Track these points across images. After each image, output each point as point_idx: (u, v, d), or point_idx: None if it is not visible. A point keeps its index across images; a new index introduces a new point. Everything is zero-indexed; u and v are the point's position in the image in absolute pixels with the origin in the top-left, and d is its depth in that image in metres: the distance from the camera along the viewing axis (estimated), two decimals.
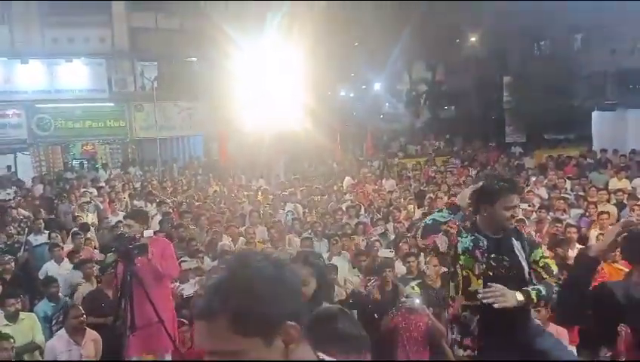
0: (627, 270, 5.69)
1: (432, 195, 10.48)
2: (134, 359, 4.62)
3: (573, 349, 5.29)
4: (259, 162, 16.25)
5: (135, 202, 11.15)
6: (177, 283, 5.99)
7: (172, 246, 5.08)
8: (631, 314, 2.54)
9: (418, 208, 9.81)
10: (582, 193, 9.67)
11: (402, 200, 10.27)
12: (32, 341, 5.11)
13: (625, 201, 8.56)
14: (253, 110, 16.97)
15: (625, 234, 2.47)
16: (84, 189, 13.03)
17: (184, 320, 5.16)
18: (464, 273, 3.20)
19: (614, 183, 10.41)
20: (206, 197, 11.93)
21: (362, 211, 9.76)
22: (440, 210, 3.64)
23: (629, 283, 2.61)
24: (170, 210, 10.10)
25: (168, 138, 20.25)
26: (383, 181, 13.55)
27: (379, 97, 31.51)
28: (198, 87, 19.55)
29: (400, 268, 6.41)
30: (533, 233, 7.17)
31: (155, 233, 7.52)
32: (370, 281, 5.87)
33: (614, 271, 5.78)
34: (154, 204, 10.45)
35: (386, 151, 21.13)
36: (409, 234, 7.58)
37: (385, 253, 6.78)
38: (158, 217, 9.37)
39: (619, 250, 5.95)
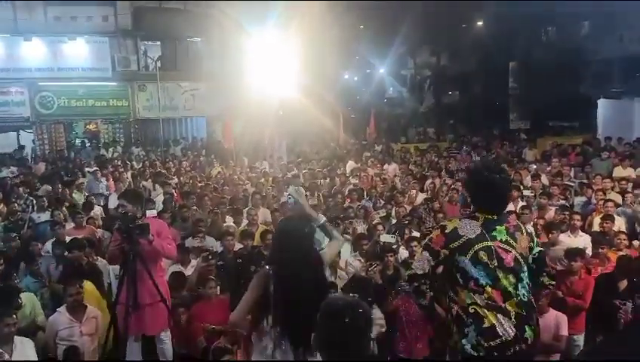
0: (634, 256, 5.73)
1: (433, 181, 10.52)
2: None
3: (580, 337, 5.33)
4: (262, 144, 16.22)
5: (144, 183, 11.17)
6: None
7: (167, 227, 5.07)
8: None
9: (420, 193, 9.83)
10: (585, 181, 9.66)
11: (405, 184, 10.27)
12: (34, 321, 5.15)
13: (629, 190, 8.55)
14: (256, 92, 16.90)
15: None
16: (88, 169, 13.10)
17: (178, 302, 5.21)
18: None
19: (619, 171, 10.39)
20: (209, 178, 11.94)
21: (364, 195, 9.76)
22: None
23: None
24: (173, 191, 10.12)
25: (171, 118, 20.22)
26: (386, 165, 13.53)
27: (383, 81, 31.33)
28: (202, 68, 19.44)
29: (402, 252, 6.43)
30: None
31: (158, 213, 7.58)
32: (372, 266, 5.88)
33: None
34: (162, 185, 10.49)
35: (389, 136, 21.06)
36: (408, 218, 7.63)
37: (386, 237, 6.79)
38: (162, 198, 9.41)
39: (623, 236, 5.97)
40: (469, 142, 18.07)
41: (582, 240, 6.52)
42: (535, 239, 3.07)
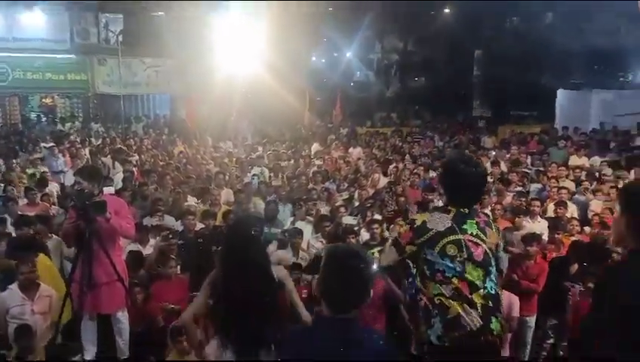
0: (585, 242, 5.97)
1: (397, 165, 10.65)
2: None
3: (532, 318, 5.54)
4: (226, 124, 16.00)
5: (103, 159, 10.87)
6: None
7: (126, 205, 4.96)
8: None
9: (384, 176, 9.93)
10: (542, 168, 9.95)
11: (369, 168, 10.35)
12: None
13: (582, 178, 8.86)
14: (222, 71, 16.62)
15: None
16: (44, 144, 12.65)
17: (135, 281, 5.14)
18: None
19: (574, 160, 10.73)
20: (171, 157, 11.74)
21: (328, 177, 9.81)
22: None
23: None
24: (134, 169, 9.92)
25: (133, 95, 19.67)
26: (351, 149, 13.60)
27: (350, 65, 31.23)
28: (166, 45, 18.91)
29: (364, 234, 6.49)
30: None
31: (118, 191, 7.40)
32: None
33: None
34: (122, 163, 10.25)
35: (355, 119, 21.14)
36: (371, 201, 7.71)
37: (348, 219, 6.86)
38: (122, 175, 9.21)
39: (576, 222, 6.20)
40: (432, 128, 18.34)
41: (539, 226, 6.73)
42: (503, 240, 3.10)
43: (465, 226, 2.85)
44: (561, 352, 5.90)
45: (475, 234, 2.85)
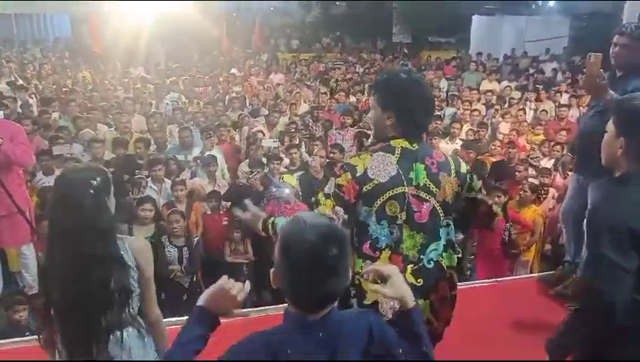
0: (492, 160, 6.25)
1: (317, 90, 10.60)
2: None
3: None
4: (137, 48, 14.92)
5: None
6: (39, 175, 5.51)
7: (24, 132, 4.53)
8: None
9: (304, 102, 9.85)
10: (456, 93, 10.27)
11: (289, 93, 10.21)
12: None
13: (493, 102, 9.26)
14: None
15: None
16: None
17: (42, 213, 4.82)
18: None
19: (485, 85, 11.16)
20: (74, 83, 10.88)
21: (247, 103, 9.59)
22: None
23: None
24: (34, 96, 9.12)
25: (27, 14, 17.68)
26: (272, 75, 13.29)
27: None
28: None
29: (284, 159, 6.47)
30: None
31: (18, 120, 6.77)
32: (253, 173, 5.85)
33: None
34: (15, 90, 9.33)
35: (275, 45, 20.56)
36: (294, 126, 7.68)
37: (268, 142, 6.80)
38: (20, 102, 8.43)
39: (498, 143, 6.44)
40: (354, 54, 18.24)
41: (454, 147, 7.02)
42: (468, 182, 2.31)
43: (411, 175, 2.19)
44: (469, 264, 6.37)
45: (422, 185, 2.20)
